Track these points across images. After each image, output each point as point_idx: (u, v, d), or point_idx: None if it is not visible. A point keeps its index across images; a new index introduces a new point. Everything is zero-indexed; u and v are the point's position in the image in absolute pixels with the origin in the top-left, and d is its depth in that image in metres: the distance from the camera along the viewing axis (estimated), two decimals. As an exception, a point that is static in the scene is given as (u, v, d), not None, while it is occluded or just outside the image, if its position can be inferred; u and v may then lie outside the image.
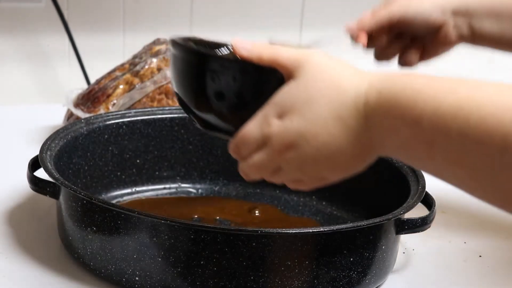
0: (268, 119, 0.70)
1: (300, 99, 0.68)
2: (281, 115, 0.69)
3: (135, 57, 1.27)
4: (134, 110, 1.08)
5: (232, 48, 0.73)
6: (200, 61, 0.75)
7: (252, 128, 0.71)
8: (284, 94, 0.69)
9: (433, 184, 1.10)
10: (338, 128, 0.67)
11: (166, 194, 1.10)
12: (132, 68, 1.23)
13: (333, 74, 0.68)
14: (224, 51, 0.79)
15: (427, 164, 0.65)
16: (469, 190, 0.64)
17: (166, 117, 1.09)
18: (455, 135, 0.60)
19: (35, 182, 0.92)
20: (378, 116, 0.65)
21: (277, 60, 0.70)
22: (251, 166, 0.73)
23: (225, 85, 0.73)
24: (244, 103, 0.73)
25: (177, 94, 0.78)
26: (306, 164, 0.70)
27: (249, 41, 0.72)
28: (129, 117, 1.07)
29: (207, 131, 0.78)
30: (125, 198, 1.08)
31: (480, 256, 1.01)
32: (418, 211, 0.95)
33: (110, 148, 1.06)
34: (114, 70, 1.25)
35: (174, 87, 0.78)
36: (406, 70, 0.75)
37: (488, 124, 0.58)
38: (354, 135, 0.67)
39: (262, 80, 0.72)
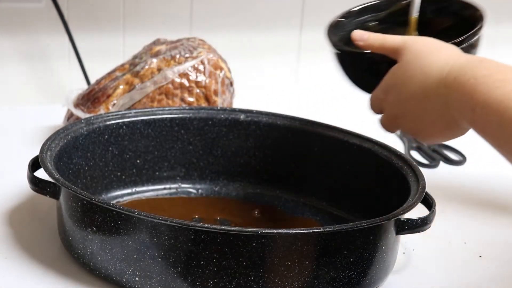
0: (380, 93, 0.88)
1: (399, 80, 0.85)
2: (387, 92, 0.87)
3: (135, 57, 1.27)
4: (134, 111, 1.08)
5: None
6: (342, 56, 1.01)
7: (373, 98, 0.91)
8: (390, 75, 0.86)
9: (433, 184, 1.10)
10: (426, 105, 0.83)
11: (166, 194, 1.10)
12: (132, 68, 1.23)
13: (424, 61, 0.83)
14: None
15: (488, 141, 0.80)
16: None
17: (166, 118, 1.09)
18: (495, 125, 0.75)
19: (35, 183, 0.92)
20: (452, 99, 0.80)
21: (384, 47, 0.88)
22: (380, 123, 0.92)
23: (358, 68, 0.99)
24: (370, 79, 0.95)
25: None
26: (412, 129, 0.88)
27: (365, 33, 0.90)
28: (129, 117, 1.07)
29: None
30: (125, 198, 1.08)
31: (480, 256, 1.01)
32: (418, 211, 0.95)
33: (110, 148, 1.06)
34: (114, 70, 1.25)
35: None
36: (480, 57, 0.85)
37: None
38: (438, 111, 0.82)
39: (378, 63, 0.92)
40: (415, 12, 1.01)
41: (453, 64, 0.82)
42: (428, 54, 0.84)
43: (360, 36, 0.90)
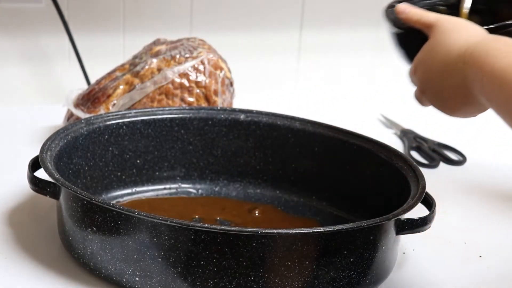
0: (412, 68, 0.95)
1: (426, 56, 0.92)
2: (416, 67, 0.93)
3: (135, 57, 1.27)
4: (134, 111, 1.08)
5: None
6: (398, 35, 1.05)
7: (409, 73, 0.98)
8: (421, 51, 0.93)
9: (433, 184, 1.10)
10: (447, 79, 0.89)
11: (166, 194, 1.10)
12: (132, 68, 1.23)
13: (449, 39, 0.90)
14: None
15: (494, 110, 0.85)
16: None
17: (166, 118, 1.09)
18: (498, 91, 0.81)
19: (35, 183, 0.92)
20: (468, 73, 0.86)
21: (420, 22, 0.95)
22: (414, 95, 0.96)
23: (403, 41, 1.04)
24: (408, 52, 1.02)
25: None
26: (436, 102, 0.94)
27: (407, 7, 0.96)
28: (129, 117, 1.07)
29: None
30: (125, 198, 1.08)
31: (480, 256, 1.01)
32: (418, 211, 0.95)
33: (110, 148, 1.06)
34: (114, 71, 1.25)
35: None
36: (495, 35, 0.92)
37: None
38: (457, 85, 0.88)
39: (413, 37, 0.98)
40: (466, 5, 1.07)
41: (473, 42, 0.87)
42: (453, 33, 0.91)
43: (403, 9, 0.97)
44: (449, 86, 0.90)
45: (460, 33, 0.90)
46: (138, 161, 1.09)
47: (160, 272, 0.84)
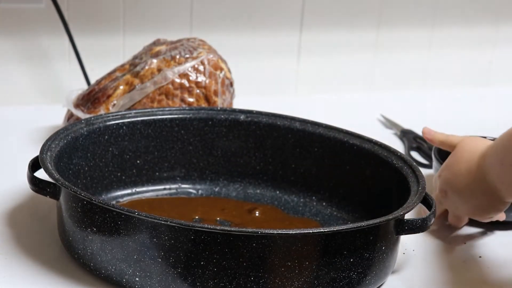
0: (438, 173, 1.03)
1: (450, 162, 1.00)
2: (442, 170, 1.01)
3: (135, 57, 1.27)
4: (134, 111, 1.08)
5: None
6: None
7: (434, 178, 1.06)
8: (446, 161, 1.01)
9: (433, 185, 1.10)
10: (469, 182, 0.96)
11: (166, 194, 1.10)
12: (132, 68, 1.23)
13: (469, 154, 0.98)
14: None
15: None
16: None
17: (166, 118, 1.09)
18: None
19: (35, 183, 0.92)
20: (487, 175, 0.93)
21: (446, 144, 1.05)
22: (435, 201, 0.98)
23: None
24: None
25: None
26: (457, 205, 0.99)
27: (431, 131, 1.07)
28: (129, 117, 1.07)
29: None
30: (125, 198, 1.08)
31: (480, 256, 1.01)
32: (418, 212, 0.96)
33: (110, 148, 1.06)
34: (114, 71, 1.25)
35: None
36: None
37: None
38: (479, 185, 0.94)
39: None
40: None
41: (485, 153, 0.95)
42: (478, 141, 1.00)
43: (428, 131, 1.08)
44: (470, 183, 0.96)
45: (483, 141, 0.99)
46: (138, 162, 1.09)
47: (160, 272, 0.84)
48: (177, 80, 1.21)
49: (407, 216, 0.90)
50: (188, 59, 1.22)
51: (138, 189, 1.09)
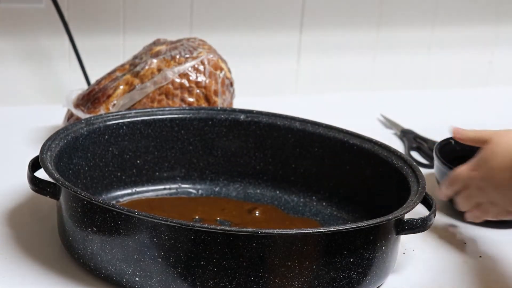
0: (470, 168, 0.99)
1: (485, 157, 0.97)
2: (475, 168, 0.97)
3: (135, 57, 1.27)
4: (134, 111, 1.08)
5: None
6: None
7: (462, 172, 1.00)
8: (479, 156, 0.98)
9: (433, 185, 1.10)
10: (505, 175, 0.94)
11: (166, 194, 1.10)
12: (132, 68, 1.23)
13: (502, 148, 0.96)
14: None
15: None
16: None
17: (166, 118, 1.09)
18: None
19: (35, 183, 0.92)
20: None
21: (477, 140, 1.02)
22: (462, 197, 0.99)
23: None
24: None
25: None
26: (494, 199, 0.96)
27: (460, 129, 1.05)
28: (129, 117, 1.07)
29: None
30: (125, 198, 1.08)
31: (480, 256, 1.01)
32: (418, 212, 0.95)
33: (110, 148, 1.06)
34: (114, 71, 1.25)
35: None
36: None
37: None
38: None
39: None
40: None
41: None
42: (505, 143, 0.98)
43: (457, 131, 1.06)
44: (507, 180, 0.94)
45: (510, 144, 0.97)
46: (138, 161, 1.09)
47: (160, 272, 0.84)
48: (177, 80, 1.21)
49: (407, 216, 0.90)
50: (188, 59, 1.22)
51: (138, 189, 1.09)
